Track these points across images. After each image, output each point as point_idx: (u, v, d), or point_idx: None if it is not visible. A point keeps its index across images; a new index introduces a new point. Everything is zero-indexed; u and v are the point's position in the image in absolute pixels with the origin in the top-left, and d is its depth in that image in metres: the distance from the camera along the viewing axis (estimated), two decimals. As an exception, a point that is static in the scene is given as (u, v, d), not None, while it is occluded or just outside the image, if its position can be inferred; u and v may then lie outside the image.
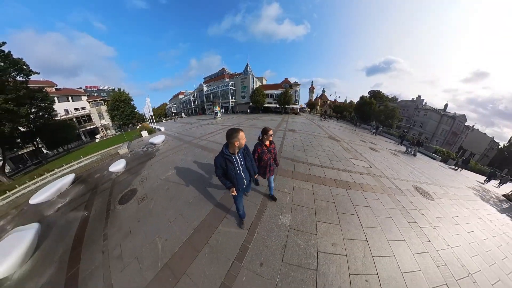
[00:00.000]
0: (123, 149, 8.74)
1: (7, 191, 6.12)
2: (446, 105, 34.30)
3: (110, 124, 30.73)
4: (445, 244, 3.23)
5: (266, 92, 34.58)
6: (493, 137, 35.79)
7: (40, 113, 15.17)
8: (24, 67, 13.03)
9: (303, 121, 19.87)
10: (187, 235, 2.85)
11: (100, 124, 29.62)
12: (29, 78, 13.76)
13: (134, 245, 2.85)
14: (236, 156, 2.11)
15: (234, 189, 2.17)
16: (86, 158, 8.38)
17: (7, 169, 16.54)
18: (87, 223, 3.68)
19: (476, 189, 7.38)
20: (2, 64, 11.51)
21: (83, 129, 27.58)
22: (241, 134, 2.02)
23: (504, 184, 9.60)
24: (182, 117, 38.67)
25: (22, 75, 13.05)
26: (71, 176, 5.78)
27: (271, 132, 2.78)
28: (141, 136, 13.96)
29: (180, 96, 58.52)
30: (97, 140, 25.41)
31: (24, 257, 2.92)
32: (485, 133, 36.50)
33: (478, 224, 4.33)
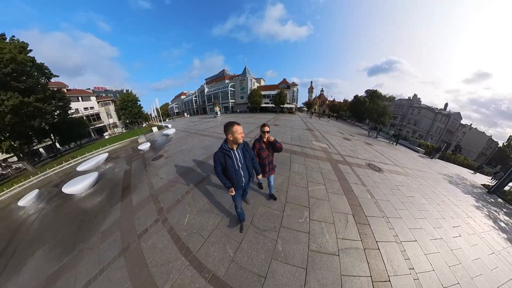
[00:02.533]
0: (142, 139, 10.71)
1: (55, 165, 8.19)
2: (446, 105, 34.62)
3: (118, 122, 32.81)
4: (370, 196, 3.44)
5: (264, 92, 36.07)
6: (491, 136, 34.96)
7: (58, 112, 17.10)
8: (46, 70, 15.00)
9: (294, 119, 21.18)
10: (191, 166, 5.35)
11: (108, 123, 31.70)
12: (50, 80, 15.74)
13: (164, 170, 5.41)
14: (235, 151, 2.05)
15: (233, 189, 2.13)
16: (110, 146, 10.29)
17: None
18: (131, 169, 6.18)
19: (449, 176, 7.14)
20: (29, 69, 13.43)
21: (92, 127, 29.56)
22: (236, 127, 1.88)
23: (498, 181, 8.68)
24: (185, 116, 40.64)
25: (44, 77, 15.03)
26: (105, 155, 7.59)
27: (265, 128, 2.70)
28: (152, 131, 15.88)
29: (182, 97, 60.24)
30: (106, 137, 27.38)
31: (88, 187, 4.86)
32: (483, 132, 35.51)
33: (427, 195, 4.27)
